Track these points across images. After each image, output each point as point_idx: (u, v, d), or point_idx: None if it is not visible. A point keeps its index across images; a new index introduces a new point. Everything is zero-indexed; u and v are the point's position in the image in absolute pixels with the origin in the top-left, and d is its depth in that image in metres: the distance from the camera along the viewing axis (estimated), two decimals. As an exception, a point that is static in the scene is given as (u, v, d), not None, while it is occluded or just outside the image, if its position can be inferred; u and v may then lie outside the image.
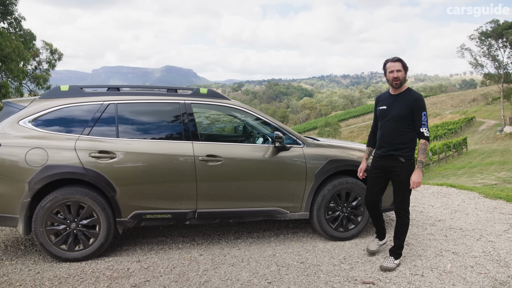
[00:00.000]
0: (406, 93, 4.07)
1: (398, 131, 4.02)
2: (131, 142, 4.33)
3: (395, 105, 4.05)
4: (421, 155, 3.98)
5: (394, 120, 4.04)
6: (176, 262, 4.26)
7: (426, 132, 3.96)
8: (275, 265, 4.21)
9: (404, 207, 4.12)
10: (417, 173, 3.98)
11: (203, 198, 4.45)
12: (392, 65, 4.02)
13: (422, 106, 3.97)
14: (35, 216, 4.09)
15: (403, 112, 3.98)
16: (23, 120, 4.23)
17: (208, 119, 5.56)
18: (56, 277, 3.86)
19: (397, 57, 4.05)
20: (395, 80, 3.99)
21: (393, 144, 4.04)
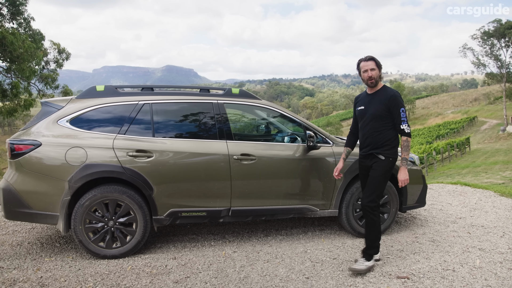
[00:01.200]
0: (382, 91, 4.02)
1: (377, 130, 3.98)
2: (167, 141, 4.42)
3: (372, 104, 4.02)
4: (404, 152, 3.92)
5: (372, 119, 4.00)
6: (212, 259, 4.34)
7: (407, 128, 3.92)
8: (309, 261, 4.29)
9: (370, 205, 3.96)
10: (402, 171, 3.96)
11: (237, 196, 4.54)
12: (365, 64, 3.97)
13: (399, 103, 3.92)
14: (74, 214, 4.17)
15: (380, 111, 3.95)
16: (61, 120, 4.31)
17: (240, 118, 5.65)
18: (97, 274, 3.95)
19: (370, 55, 4.01)
20: (370, 79, 3.95)
21: (374, 143, 4.00)
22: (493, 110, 64.54)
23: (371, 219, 3.99)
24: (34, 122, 4.38)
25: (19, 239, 5.08)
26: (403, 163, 3.94)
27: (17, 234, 5.27)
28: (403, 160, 3.94)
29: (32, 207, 4.18)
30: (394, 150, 4.00)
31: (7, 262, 4.30)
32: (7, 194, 4.17)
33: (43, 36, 18.75)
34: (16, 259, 4.38)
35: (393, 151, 3.99)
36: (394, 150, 4.00)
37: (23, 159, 4.15)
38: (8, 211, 4.21)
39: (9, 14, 17.15)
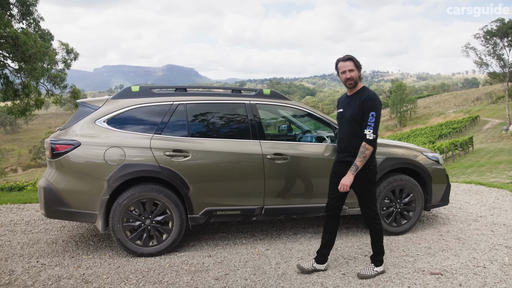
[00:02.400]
0: (359, 93, 3.80)
1: (353, 135, 3.77)
2: (203, 141, 4.51)
3: (349, 106, 3.83)
4: (357, 158, 3.67)
5: (348, 123, 3.80)
6: (247, 257, 4.43)
7: (370, 134, 3.64)
8: (342, 258, 4.38)
9: (370, 215, 3.88)
10: (347, 176, 3.71)
11: (270, 195, 4.63)
12: (343, 65, 3.76)
13: (372, 106, 3.66)
14: (112, 212, 4.26)
15: (356, 114, 3.73)
16: (99, 120, 4.40)
17: (271, 118, 5.73)
18: (137, 271, 4.04)
19: (349, 55, 3.79)
20: (348, 80, 3.74)
21: (350, 148, 3.79)
22: (495, 109, 64.56)
23: (375, 228, 3.91)
24: (72, 122, 4.47)
25: (52, 237, 5.17)
26: (352, 169, 3.68)
27: (50, 232, 5.37)
28: (353, 166, 3.69)
29: (71, 206, 4.27)
30: (372, 156, 3.77)
31: (47, 259, 4.39)
32: (47, 193, 4.26)
33: (52, 36, 18.81)
34: (55, 256, 4.47)
35: (371, 158, 3.77)
36: (373, 156, 3.78)
37: (63, 158, 4.24)
38: (48, 210, 4.30)
39: (19, 14, 17.24)
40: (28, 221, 6.02)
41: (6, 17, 15.15)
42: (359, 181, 3.78)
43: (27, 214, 6.52)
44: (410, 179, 5.14)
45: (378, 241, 3.95)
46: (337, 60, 3.83)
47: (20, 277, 3.93)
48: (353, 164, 3.69)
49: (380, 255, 3.97)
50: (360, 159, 3.67)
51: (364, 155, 3.66)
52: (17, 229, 5.60)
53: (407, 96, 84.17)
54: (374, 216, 3.90)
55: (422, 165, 5.22)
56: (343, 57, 3.79)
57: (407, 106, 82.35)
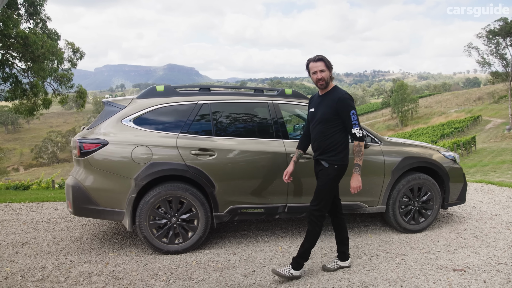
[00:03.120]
0: (331, 93, 3.79)
1: (325, 134, 3.77)
2: (227, 140, 4.58)
3: (321, 106, 3.82)
4: (356, 157, 3.71)
5: (320, 123, 3.79)
6: (271, 254, 4.51)
7: (359, 132, 3.68)
8: (365, 255, 4.46)
9: (316, 214, 3.78)
10: (354, 177, 3.74)
11: (293, 193, 4.71)
12: (314, 65, 3.73)
13: (348, 105, 3.67)
14: (139, 210, 4.33)
15: (327, 114, 3.73)
16: (125, 119, 4.47)
17: (292, 118, 5.80)
18: (166, 268, 4.11)
19: (320, 55, 3.76)
20: (320, 81, 3.73)
21: (321, 148, 3.80)
22: (498, 109, 64.58)
23: (314, 228, 3.79)
24: (98, 122, 4.54)
25: (76, 235, 5.25)
26: (356, 169, 3.72)
27: (73, 230, 5.45)
28: (355, 166, 3.72)
29: (99, 204, 4.34)
30: (341, 156, 3.75)
31: (75, 256, 4.47)
32: (76, 191, 4.33)
33: (59, 36, 18.91)
34: (82, 253, 4.55)
35: (338, 157, 3.75)
36: (340, 156, 3.75)
37: (92, 157, 4.31)
38: (76, 208, 4.37)
39: (26, 14, 17.33)
40: (49, 219, 6.10)
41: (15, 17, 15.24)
42: (322, 176, 3.82)
43: (47, 212, 6.59)
44: (428, 178, 5.21)
45: (310, 242, 3.81)
46: (308, 61, 3.81)
47: (52, 273, 4.01)
48: (355, 164, 3.72)
49: (303, 259, 3.83)
50: (359, 158, 3.71)
51: (361, 153, 3.70)
52: (40, 227, 5.68)
53: (409, 95, 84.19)
54: (319, 218, 3.79)
55: (440, 164, 5.29)
56: (313, 58, 3.77)
57: (409, 105, 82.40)
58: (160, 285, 3.72)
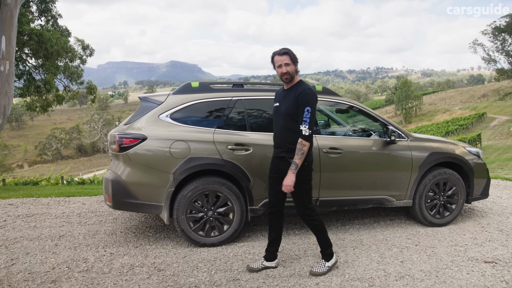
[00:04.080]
0: (295, 87, 3.71)
1: (288, 130, 3.68)
2: (262, 135, 4.70)
3: (284, 101, 3.74)
4: (296, 156, 3.56)
5: (283, 118, 3.71)
6: (304, 246, 4.64)
7: (306, 130, 3.54)
8: (395, 248, 4.58)
9: (306, 212, 3.81)
10: (289, 176, 3.58)
11: (324, 187, 4.83)
12: (279, 58, 3.64)
13: (308, 101, 3.56)
14: (177, 204, 4.46)
15: (290, 109, 3.64)
16: (162, 115, 4.59)
17: (322, 114, 5.90)
18: (205, 260, 4.24)
19: (285, 48, 3.67)
20: (285, 75, 3.65)
21: (285, 144, 3.71)
22: (503, 106, 64.39)
23: (314, 225, 3.84)
24: (136, 117, 4.65)
25: (109, 228, 5.38)
26: (292, 168, 3.56)
27: (105, 224, 5.59)
28: (292, 165, 3.57)
29: (138, 198, 4.47)
30: (309, 152, 3.68)
31: (113, 248, 4.60)
32: (115, 185, 4.46)
33: (70, 33, 19.01)
34: (120, 246, 4.68)
35: (307, 154, 3.66)
36: (308, 152, 3.67)
37: (131, 152, 4.43)
38: (116, 202, 4.49)
39: (37, 12, 17.44)
40: (79, 213, 6.24)
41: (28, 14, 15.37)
42: None
43: (75, 206, 6.73)
44: (454, 173, 5.33)
45: (322, 236, 3.89)
46: (273, 53, 3.70)
47: (95, 264, 4.14)
48: (292, 162, 3.57)
49: (328, 248, 3.92)
50: (298, 157, 3.55)
51: (302, 152, 3.55)
52: (72, 220, 5.82)
53: (413, 92, 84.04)
54: (311, 214, 3.81)
55: (465, 159, 5.41)
56: (279, 51, 3.67)
57: (413, 102, 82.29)
58: (203, 276, 3.85)
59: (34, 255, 4.45)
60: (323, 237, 3.90)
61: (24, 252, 4.55)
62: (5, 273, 3.97)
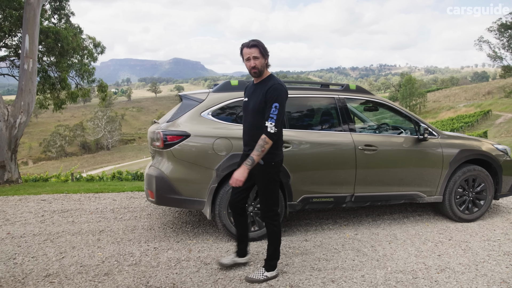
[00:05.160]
0: (265, 82, 3.53)
1: (256, 128, 3.49)
2: (301, 132, 4.83)
3: (253, 96, 3.57)
4: (254, 151, 3.39)
5: (251, 114, 3.55)
6: (341, 241, 4.77)
7: (271, 127, 3.35)
8: (430, 242, 4.71)
9: (268, 215, 3.63)
10: (240, 169, 3.42)
11: (360, 183, 4.96)
12: (248, 51, 3.44)
13: (276, 97, 3.39)
14: (219, 200, 4.59)
15: (258, 104, 3.47)
16: (204, 112, 4.71)
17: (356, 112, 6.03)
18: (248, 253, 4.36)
19: (255, 40, 3.47)
20: (253, 69, 3.46)
21: (253, 142, 3.49)
22: (508, 103, 64.41)
23: (272, 229, 3.66)
24: (178, 115, 4.77)
25: (146, 224, 5.53)
26: (247, 162, 3.40)
27: (141, 220, 5.73)
28: (248, 159, 3.40)
29: (182, 194, 4.60)
30: (277, 153, 3.55)
31: (156, 243, 4.74)
32: (159, 181, 4.59)
33: (81, 31, 19.15)
34: (161, 241, 4.82)
35: (274, 154, 3.52)
36: (277, 153, 3.54)
37: (175, 149, 4.55)
38: (159, 197, 4.63)
39: (50, 9, 17.59)
40: (112, 209, 6.39)
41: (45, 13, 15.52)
42: (261, 177, 3.56)
43: (107, 202, 6.88)
44: (482, 170, 5.46)
45: (274, 244, 3.71)
46: (242, 45, 3.51)
47: (142, 258, 4.29)
48: (249, 157, 3.41)
49: (274, 260, 3.74)
50: (257, 153, 3.38)
51: (262, 148, 3.37)
52: (107, 216, 5.96)
53: (417, 90, 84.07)
54: (273, 217, 3.64)
55: (494, 156, 5.52)
56: (248, 42, 3.47)
57: (417, 100, 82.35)
58: (250, 269, 3.98)
59: (80, 249, 4.59)
60: (275, 245, 3.71)
61: (70, 246, 4.69)
62: (58, 265, 4.11)
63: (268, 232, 3.72)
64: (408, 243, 4.68)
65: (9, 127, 9.78)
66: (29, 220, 5.80)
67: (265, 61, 3.49)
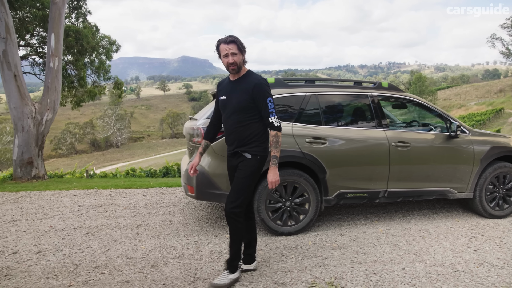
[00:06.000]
0: (245, 78, 3.48)
1: (242, 125, 3.45)
2: (336, 129, 4.94)
3: (235, 94, 3.47)
4: (274, 149, 3.40)
5: (235, 112, 3.46)
6: (375, 235, 4.87)
7: (276, 121, 3.39)
8: (463, 237, 4.79)
9: (235, 211, 3.44)
10: (272, 171, 3.41)
11: (393, 179, 5.06)
12: (225, 47, 3.35)
13: (265, 92, 3.40)
14: (258, 194, 4.70)
15: (243, 102, 3.41)
16: None
17: (388, 108, 6.12)
18: (287, 247, 4.48)
19: (232, 36, 3.40)
20: (231, 65, 3.37)
21: (240, 140, 3.47)
22: (520, 101, 63.94)
23: (236, 226, 3.48)
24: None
25: (181, 219, 5.66)
26: (273, 162, 3.40)
27: (175, 215, 5.87)
28: (273, 159, 3.40)
29: (221, 188, 4.72)
30: (264, 147, 3.50)
31: (195, 237, 4.88)
32: (200, 176, 4.71)
33: (98, 29, 19.40)
34: (200, 235, 4.95)
35: (261, 148, 3.49)
36: (263, 147, 3.50)
37: (215, 144, 4.65)
38: (199, 192, 4.75)
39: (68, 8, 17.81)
40: (145, 204, 6.54)
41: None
42: (243, 169, 3.48)
43: (138, 198, 7.03)
44: None
45: (238, 242, 3.58)
46: (218, 41, 3.41)
47: (185, 251, 4.42)
48: (273, 157, 3.40)
49: (236, 259, 3.63)
50: (277, 150, 3.41)
51: (279, 144, 3.41)
52: (141, 211, 6.11)
53: (427, 88, 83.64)
54: (239, 214, 3.47)
55: None
56: (225, 38, 3.38)
57: (427, 98, 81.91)
58: (292, 262, 4.09)
59: (122, 242, 4.73)
60: (238, 244, 3.59)
61: (112, 239, 4.84)
62: (105, 257, 4.26)
63: (232, 229, 3.51)
64: (441, 238, 4.77)
65: (36, 124, 9.98)
66: (66, 214, 5.96)
67: (242, 57, 3.43)
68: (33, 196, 7.39)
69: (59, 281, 3.69)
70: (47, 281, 3.70)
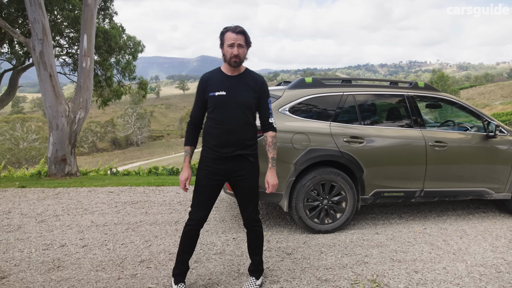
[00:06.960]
0: (247, 74, 3.25)
1: (248, 124, 3.20)
2: (374, 128, 4.98)
3: (238, 90, 3.17)
4: (273, 150, 3.28)
5: (241, 110, 3.15)
6: (411, 234, 4.90)
7: (275, 122, 3.33)
8: (502, 239, 4.78)
9: (257, 217, 3.37)
10: (272, 173, 3.29)
11: (429, 178, 5.08)
12: (233, 36, 3.07)
13: (268, 91, 3.30)
14: (296, 193, 4.78)
15: (251, 99, 3.17)
16: (281, 108, 4.89)
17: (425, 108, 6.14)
18: (325, 245, 4.55)
19: (241, 27, 3.11)
20: (235, 57, 3.08)
21: (244, 141, 3.18)
22: (547, 101, 62.49)
23: (260, 232, 3.43)
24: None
25: (217, 216, 5.79)
26: (273, 163, 3.30)
27: (211, 212, 5.96)
28: (272, 160, 3.29)
29: (260, 186, 4.78)
30: (256, 147, 3.34)
31: (233, 234, 4.97)
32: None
33: (124, 30, 19.69)
34: (237, 232, 5.05)
35: (257, 150, 3.34)
36: (256, 148, 3.34)
37: None
38: None
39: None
40: (179, 201, 6.67)
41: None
42: (252, 175, 3.30)
43: (172, 195, 7.18)
44: None
45: (261, 247, 3.51)
46: (225, 29, 3.15)
47: (225, 248, 4.51)
48: (271, 158, 3.28)
49: (262, 264, 3.57)
50: (275, 151, 3.30)
51: (276, 145, 3.33)
52: (177, 208, 6.24)
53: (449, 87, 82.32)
54: (259, 219, 3.42)
55: None
56: (234, 27, 3.10)
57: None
58: (332, 259, 4.16)
59: (163, 238, 4.86)
60: (261, 251, 3.53)
61: (152, 235, 4.96)
62: (148, 252, 4.38)
63: (255, 237, 3.42)
64: (480, 239, 4.76)
65: (69, 122, 10.23)
66: (105, 210, 6.13)
67: (247, 51, 3.17)
68: (70, 192, 7.61)
69: (108, 274, 3.82)
70: (97, 273, 3.83)
